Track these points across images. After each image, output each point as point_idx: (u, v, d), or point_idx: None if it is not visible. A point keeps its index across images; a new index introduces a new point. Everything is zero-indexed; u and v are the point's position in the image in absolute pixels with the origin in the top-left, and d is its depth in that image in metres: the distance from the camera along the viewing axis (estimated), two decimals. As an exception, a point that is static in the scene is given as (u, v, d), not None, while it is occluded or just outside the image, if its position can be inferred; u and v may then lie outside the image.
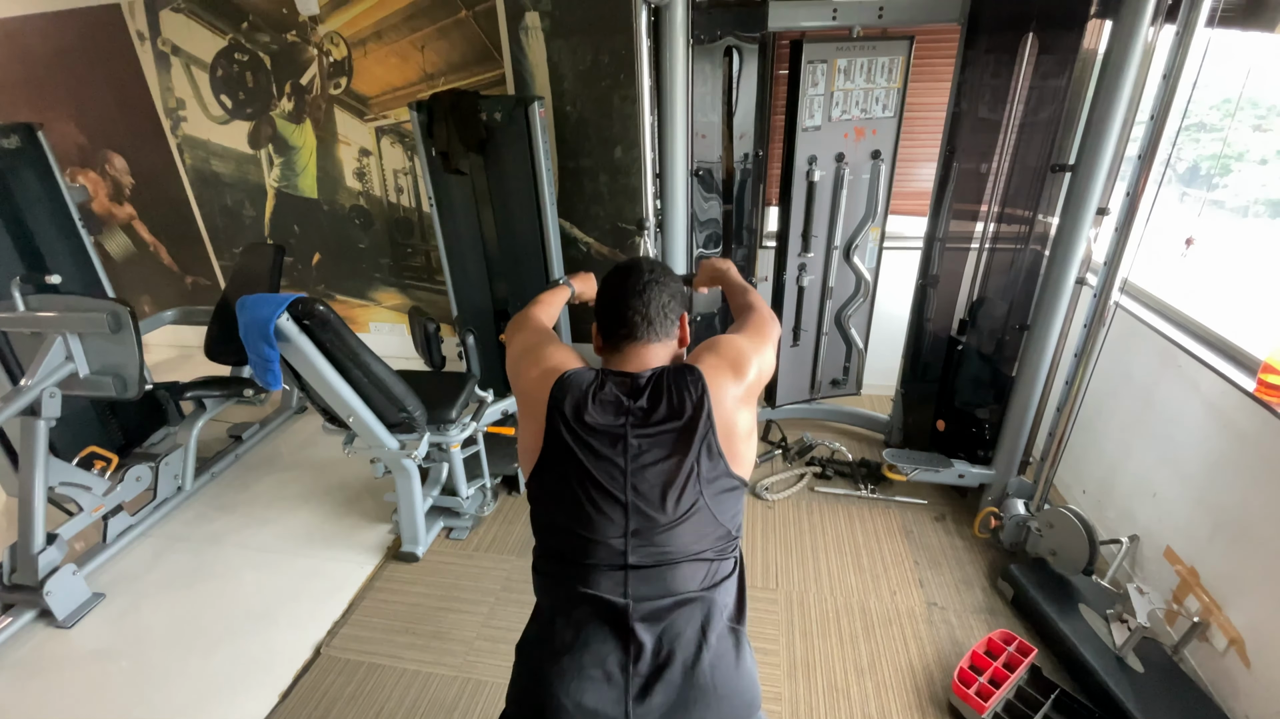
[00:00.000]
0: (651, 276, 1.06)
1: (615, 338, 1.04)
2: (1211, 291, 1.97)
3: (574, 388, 0.96)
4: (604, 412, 0.94)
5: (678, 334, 1.09)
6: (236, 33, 3.14)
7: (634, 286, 1.04)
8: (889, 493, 2.56)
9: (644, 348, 1.03)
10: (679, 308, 1.08)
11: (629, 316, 1.03)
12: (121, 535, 2.35)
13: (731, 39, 2.27)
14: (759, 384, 1.03)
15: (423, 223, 3.42)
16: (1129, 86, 1.68)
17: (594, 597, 0.90)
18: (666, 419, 0.93)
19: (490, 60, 2.97)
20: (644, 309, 1.03)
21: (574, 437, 0.93)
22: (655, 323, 1.04)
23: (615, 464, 0.92)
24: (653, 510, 0.91)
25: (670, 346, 1.07)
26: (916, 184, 2.83)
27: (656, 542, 0.91)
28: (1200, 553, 1.73)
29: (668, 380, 0.96)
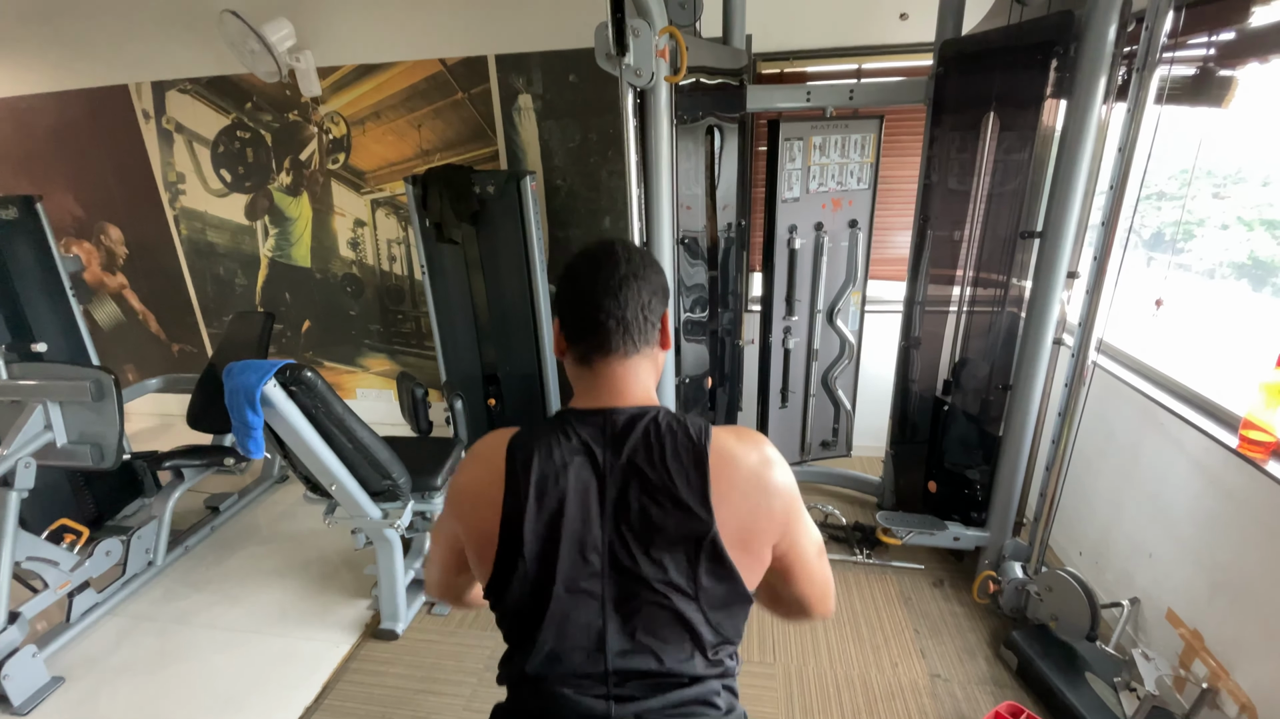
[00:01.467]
0: (629, 269, 0.82)
1: (584, 349, 0.82)
2: (1186, 350, 2.02)
3: (537, 448, 0.77)
4: (577, 475, 0.76)
5: (658, 339, 0.87)
6: (240, 112, 3.28)
7: (607, 282, 0.80)
8: (885, 557, 2.51)
9: (621, 365, 0.82)
10: (661, 305, 0.85)
11: (601, 321, 0.80)
12: (86, 614, 2.23)
13: (713, 119, 2.40)
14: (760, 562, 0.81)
15: (414, 290, 3.47)
16: (1087, 160, 1.79)
17: (570, 698, 0.76)
18: (648, 493, 0.75)
19: (484, 138, 3.11)
20: (619, 311, 0.80)
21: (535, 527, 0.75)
22: (633, 329, 0.81)
23: (590, 552, 0.75)
24: (635, 614, 0.75)
25: (651, 357, 0.86)
26: (894, 250, 2.94)
27: (642, 649, 0.76)
28: (1202, 615, 1.69)
29: (655, 431, 0.77)
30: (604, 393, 0.82)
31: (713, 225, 2.55)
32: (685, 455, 0.75)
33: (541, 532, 0.76)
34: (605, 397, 0.82)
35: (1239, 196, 2.15)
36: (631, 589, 0.75)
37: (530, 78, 2.96)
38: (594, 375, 0.83)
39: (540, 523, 0.76)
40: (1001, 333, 2.16)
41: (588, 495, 0.76)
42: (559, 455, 0.77)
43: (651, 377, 0.86)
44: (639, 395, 0.83)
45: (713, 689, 0.79)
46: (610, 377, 0.82)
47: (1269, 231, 2.08)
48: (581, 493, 0.76)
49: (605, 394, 0.82)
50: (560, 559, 0.75)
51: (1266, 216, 2.08)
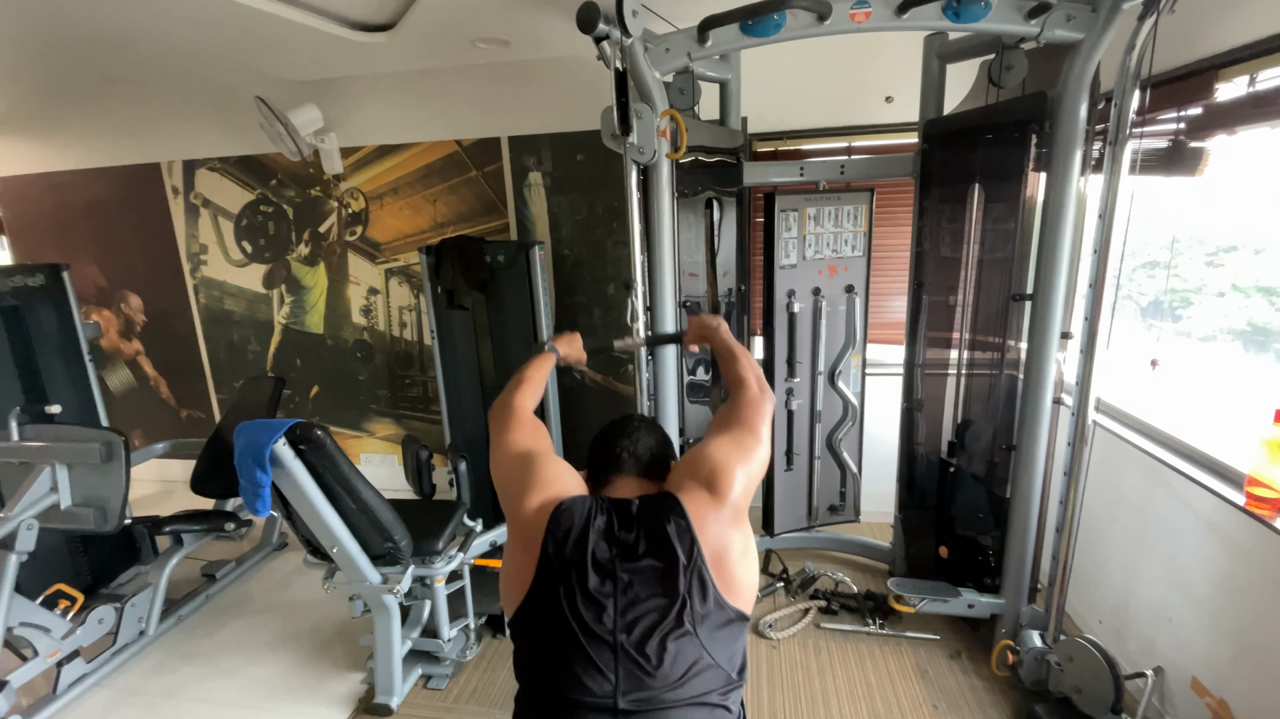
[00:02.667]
0: (640, 424, 1.11)
1: (604, 473, 1.07)
2: (1188, 409, 2.04)
3: (573, 519, 0.92)
4: (601, 545, 0.90)
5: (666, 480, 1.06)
6: (265, 188, 3.47)
7: (623, 429, 1.10)
8: (899, 627, 2.43)
9: (633, 480, 1.05)
10: (667, 454, 1.11)
11: (616, 454, 1.06)
12: (73, 685, 2.16)
13: (712, 192, 2.53)
14: (747, 493, 0.98)
15: (423, 355, 3.54)
16: (1069, 228, 1.87)
17: None
18: (649, 554, 0.89)
19: (496, 211, 3.26)
20: (631, 448, 1.07)
21: (565, 574, 0.88)
22: (643, 460, 1.06)
23: (604, 601, 0.87)
24: (643, 652, 0.85)
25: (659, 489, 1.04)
26: (891, 315, 3.01)
27: (648, 686, 0.84)
28: (1226, 682, 1.62)
29: (649, 510, 0.93)
30: (619, 493, 1.03)
31: (713, 290, 2.64)
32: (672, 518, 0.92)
33: (566, 584, 0.88)
34: (620, 494, 1.02)
35: (1232, 264, 2.22)
36: (638, 637, 0.84)
37: (540, 157, 3.15)
38: (611, 488, 1.05)
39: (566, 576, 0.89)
40: (1002, 393, 2.19)
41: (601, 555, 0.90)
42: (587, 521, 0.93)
43: None
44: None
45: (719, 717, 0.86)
46: (623, 485, 1.05)
47: (1266, 298, 2.13)
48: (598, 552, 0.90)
49: (620, 493, 1.02)
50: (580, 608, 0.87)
51: (1263, 284, 2.13)
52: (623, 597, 0.87)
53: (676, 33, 1.91)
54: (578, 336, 1.45)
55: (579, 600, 0.87)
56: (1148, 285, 2.43)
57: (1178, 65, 1.80)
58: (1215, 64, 1.69)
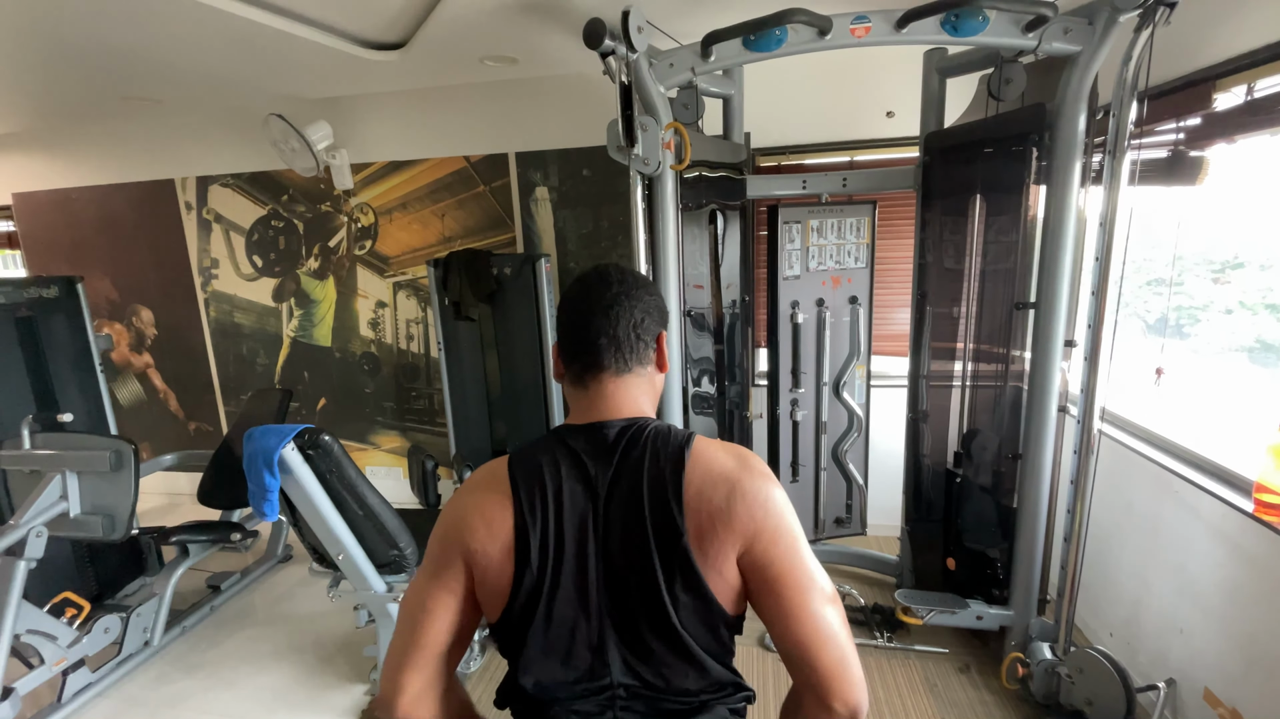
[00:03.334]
0: (620, 289, 0.84)
1: (579, 369, 0.84)
2: (1195, 418, 2.03)
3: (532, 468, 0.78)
4: (572, 492, 0.77)
5: (654, 358, 0.88)
6: (276, 203, 3.53)
7: (598, 301, 0.83)
8: (907, 641, 2.40)
9: (613, 383, 0.83)
10: (656, 325, 0.87)
11: (593, 339, 0.82)
12: (78, 694, 2.15)
13: (715, 204, 2.56)
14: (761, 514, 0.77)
15: (429, 368, 3.56)
16: (1071, 238, 1.89)
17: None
18: (632, 505, 0.75)
19: (503, 226, 3.31)
20: (610, 329, 0.82)
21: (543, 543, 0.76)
22: (625, 347, 0.83)
23: (588, 565, 0.76)
24: (636, 630, 0.76)
25: (647, 376, 0.87)
26: (895, 327, 3.02)
27: (643, 665, 0.76)
28: (1239, 692, 1.60)
29: (640, 442, 0.78)
30: (597, 409, 0.83)
31: (718, 302, 2.66)
32: (666, 463, 0.76)
33: (549, 549, 0.76)
34: (598, 412, 0.82)
35: (1239, 281, 2.22)
36: (625, 602, 0.76)
37: (547, 172, 3.20)
38: (588, 393, 0.84)
39: (547, 541, 0.76)
40: (1007, 403, 2.18)
41: (584, 510, 0.77)
42: (558, 472, 0.78)
43: (647, 397, 0.87)
44: (631, 412, 0.83)
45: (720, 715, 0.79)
46: (602, 394, 0.83)
47: (1274, 315, 2.12)
48: (578, 508, 0.77)
49: (598, 410, 0.83)
50: (563, 574, 0.76)
51: (1270, 300, 2.12)
52: (607, 559, 0.75)
53: (680, 48, 1.96)
54: None
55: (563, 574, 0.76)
56: (1154, 303, 2.43)
57: (1175, 76, 1.83)
58: (1212, 74, 1.72)
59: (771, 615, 0.76)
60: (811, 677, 0.74)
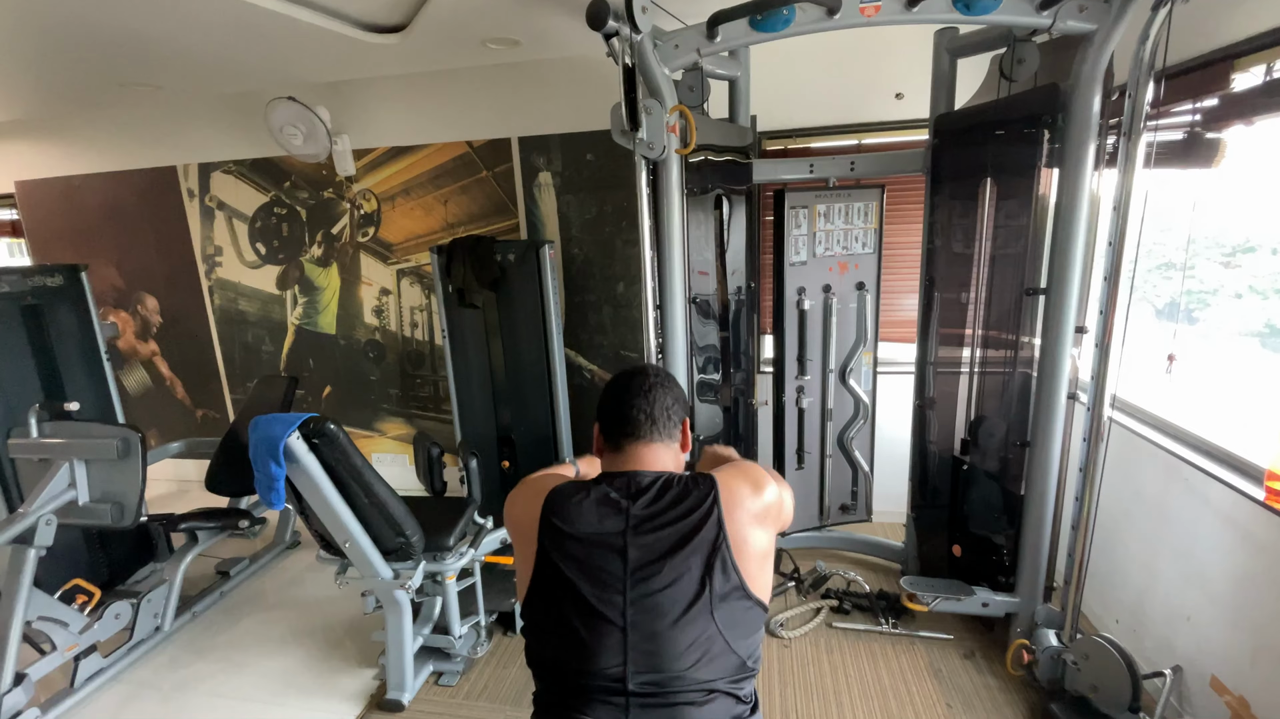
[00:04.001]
0: (656, 379, 1.07)
1: (618, 437, 1.04)
2: (1207, 405, 2.01)
3: (566, 498, 0.93)
4: (600, 518, 0.90)
5: (680, 437, 1.08)
6: (279, 190, 3.51)
7: (638, 387, 1.05)
8: (911, 627, 2.41)
9: (646, 447, 1.02)
10: (681, 412, 1.08)
11: (632, 415, 1.02)
12: (90, 679, 2.18)
13: (721, 189, 2.53)
14: (777, 513, 0.98)
15: (434, 355, 3.56)
16: (1083, 222, 1.86)
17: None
18: (672, 523, 0.88)
19: (506, 211, 3.28)
20: (648, 408, 1.02)
21: (566, 551, 0.89)
22: (659, 422, 1.03)
23: (612, 578, 0.87)
24: (655, 632, 0.84)
25: (673, 450, 1.06)
26: (903, 312, 2.99)
27: (660, 667, 0.83)
28: (1246, 680, 1.60)
29: (678, 484, 0.93)
30: (630, 464, 1.01)
31: (723, 288, 2.64)
32: (701, 497, 0.91)
33: (569, 567, 0.88)
34: (631, 465, 1.00)
35: (1250, 265, 2.18)
36: (651, 617, 0.84)
37: (550, 157, 3.16)
38: (623, 455, 1.03)
39: (568, 560, 0.89)
40: (1015, 390, 2.17)
41: (610, 534, 0.89)
42: (587, 500, 0.93)
43: (673, 466, 1.04)
44: (660, 469, 1.01)
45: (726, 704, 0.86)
46: (637, 454, 1.02)
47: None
48: (605, 533, 0.89)
49: (632, 464, 1.01)
50: (586, 590, 0.87)
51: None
52: (634, 574, 0.86)
53: (686, 29, 1.92)
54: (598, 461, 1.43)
55: (585, 576, 0.87)
56: (1164, 287, 2.40)
57: (1193, 56, 1.78)
58: (1231, 54, 1.67)
59: None
60: None
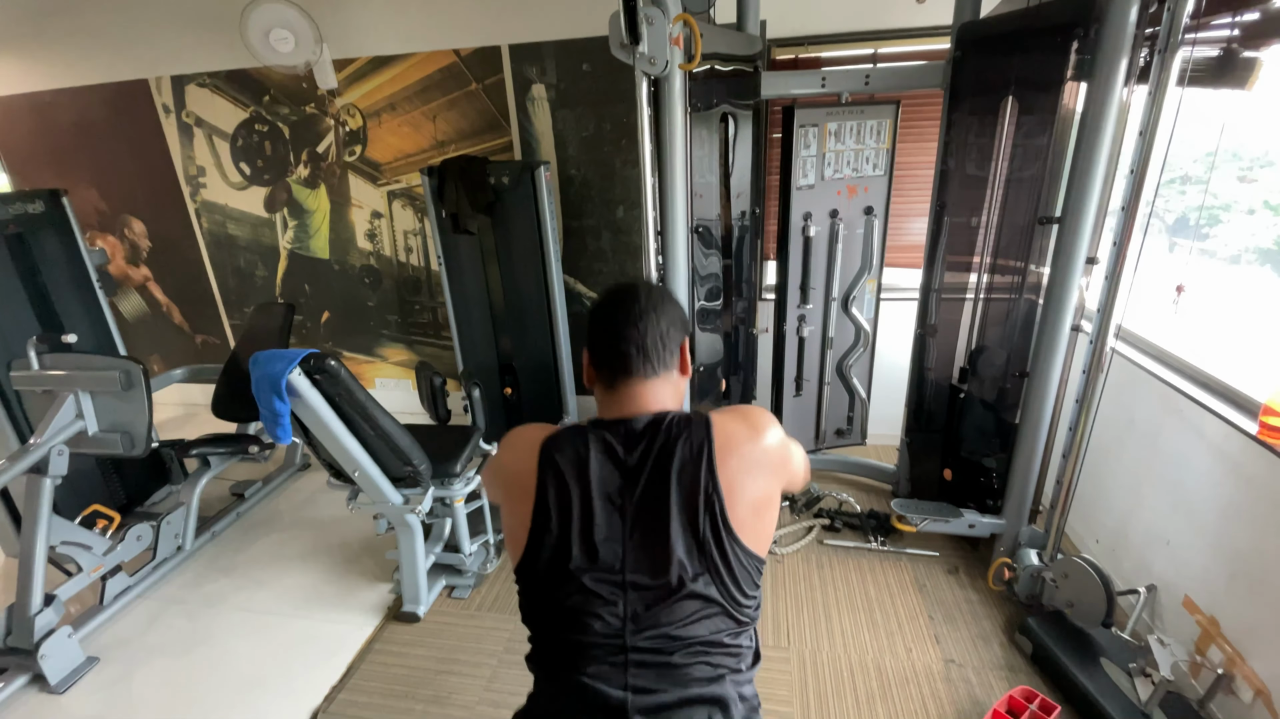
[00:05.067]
0: (648, 303, 0.93)
1: (609, 374, 0.93)
2: (1207, 337, 2.00)
3: (565, 449, 0.86)
4: (599, 468, 0.84)
5: (678, 364, 0.96)
6: (258, 106, 3.32)
7: (627, 315, 0.91)
8: (899, 545, 2.52)
9: (641, 385, 0.91)
10: (679, 335, 0.96)
11: (623, 349, 0.90)
12: (119, 597, 2.31)
13: (727, 106, 2.39)
14: (780, 461, 0.90)
15: (431, 281, 3.51)
16: (1107, 144, 1.77)
17: (589, 688, 0.80)
18: (666, 473, 0.82)
19: (498, 128, 3.12)
20: (639, 340, 0.90)
21: (565, 505, 0.83)
22: (653, 355, 0.91)
23: (612, 533, 0.82)
24: (653, 588, 0.81)
25: (671, 380, 0.95)
26: (910, 238, 2.92)
27: (658, 623, 0.80)
28: (1219, 602, 1.69)
29: (667, 430, 0.85)
30: (625, 408, 0.91)
31: (727, 214, 2.56)
32: (692, 442, 0.84)
33: (568, 520, 0.83)
34: (626, 410, 0.91)
35: (1266, 180, 2.10)
36: (647, 573, 0.81)
37: (544, 67, 2.97)
38: (617, 395, 0.92)
39: (567, 513, 0.84)
40: (1019, 320, 2.15)
41: (609, 486, 0.85)
42: (585, 453, 0.86)
43: (671, 399, 0.95)
44: (656, 409, 0.91)
45: (729, 667, 0.84)
46: (631, 395, 0.92)
47: None
48: (603, 484, 0.85)
49: (626, 409, 0.91)
50: (584, 544, 0.83)
51: None
52: (633, 531, 0.82)
53: (691, -75, 1.74)
54: None
55: (583, 536, 0.82)
56: (1175, 203, 2.32)
57: (1245, -42, 1.62)
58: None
59: None
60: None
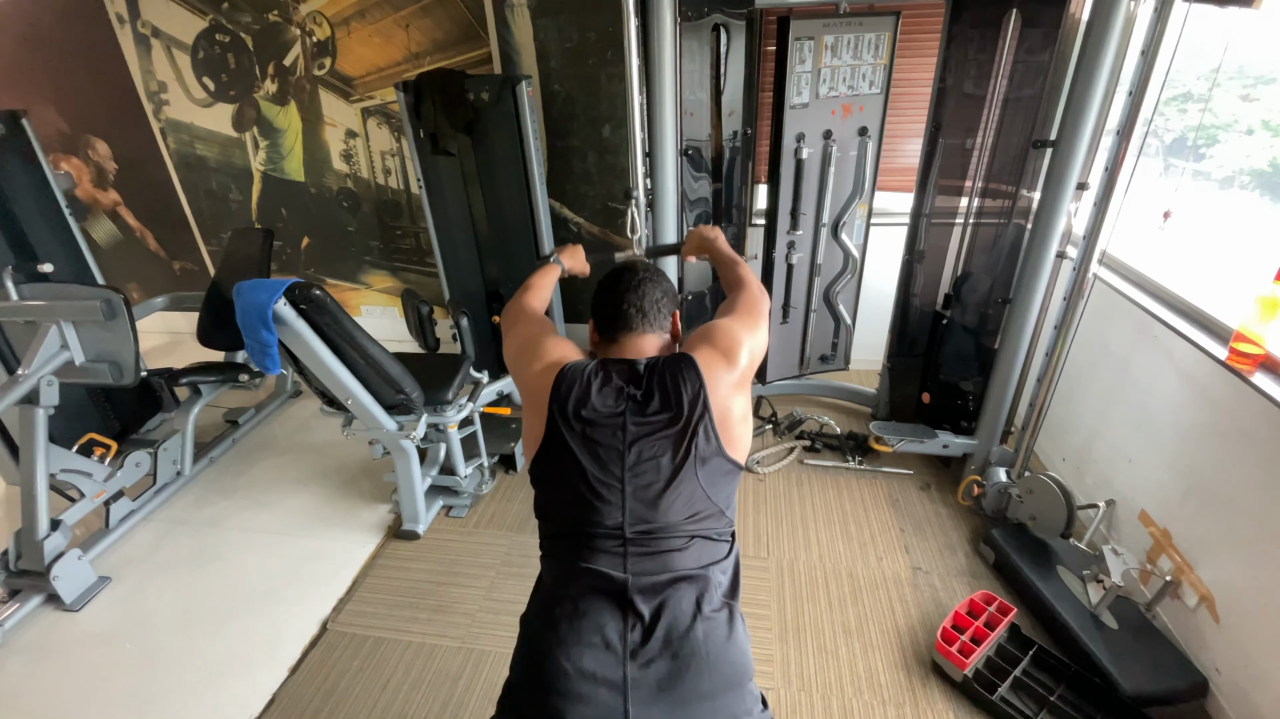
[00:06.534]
0: (645, 274, 1.13)
1: (611, 330, 1.11)
2: (1190, 263, 2.02)
3: (575, 379, 1.00)
4: (604, 399, 0.98)
5: (670, 328, 1.15)
6: (217, 14, 3.09)
7: (628, 283, 1.12)
8: (876, 464, 2.63)
9: (639, 338, 1.10)
10: (671, 304, 1.16)
11: (624, 309, 1.10)
12: (124, 520, 2.39)
13: (719, 16, 2.27)
14: (752, 367, 1.07)
15: (411, 205, 3.41)
16: (1110, 59, 1.71)
17: (594, 571, 0.94)
18: (662, 408, 0.97)
19: (476, 39, 2.94)
20: (638, 302, 1.10)
21: (574, 426, 0.98)
22: (649, 314, 1.10)
23: (614, 450, 0.96)
24: (649, 492, 0.95)
25: (663, 339, 1.13)
26: (903, 160, 2.86)
27: (653, 520, 0.95)
28: (1173, 515, 1.80)
29: (663, 368, 1.00)
30: (625, 353, 1.08)
31: (717, 134, 2.48)
32: (681, 378, 0.99)
33: (578, 440, 0.97)
34: (626, 355, 1.08)
35: (1269, 99, 2.06)
36: (645, 480, 0.96)
37: (523, -30, 2.77)
38: (618, 345, 1.10)
39: (578, 435, 0.97)
40: (1005, 246, 2.15)
41: (614, 405, 0.99)
42: (593, 374, 1.01)
43: (664, 354, 1.10)
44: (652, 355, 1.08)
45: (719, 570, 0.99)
46: (630, 345, 1.10)
47: None
48: (608, 402, 0.99)
49: (626, 354, 1.08)
50: (590, 454, 0.97)
51: None
52: (632, 447, 0.96)
53: None
54: (580, 249, 1.52)
55: (589, 451, 0.97)
56: (1176, 121, 2.27)
57: None
58: None
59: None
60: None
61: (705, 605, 0.94)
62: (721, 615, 0.95)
